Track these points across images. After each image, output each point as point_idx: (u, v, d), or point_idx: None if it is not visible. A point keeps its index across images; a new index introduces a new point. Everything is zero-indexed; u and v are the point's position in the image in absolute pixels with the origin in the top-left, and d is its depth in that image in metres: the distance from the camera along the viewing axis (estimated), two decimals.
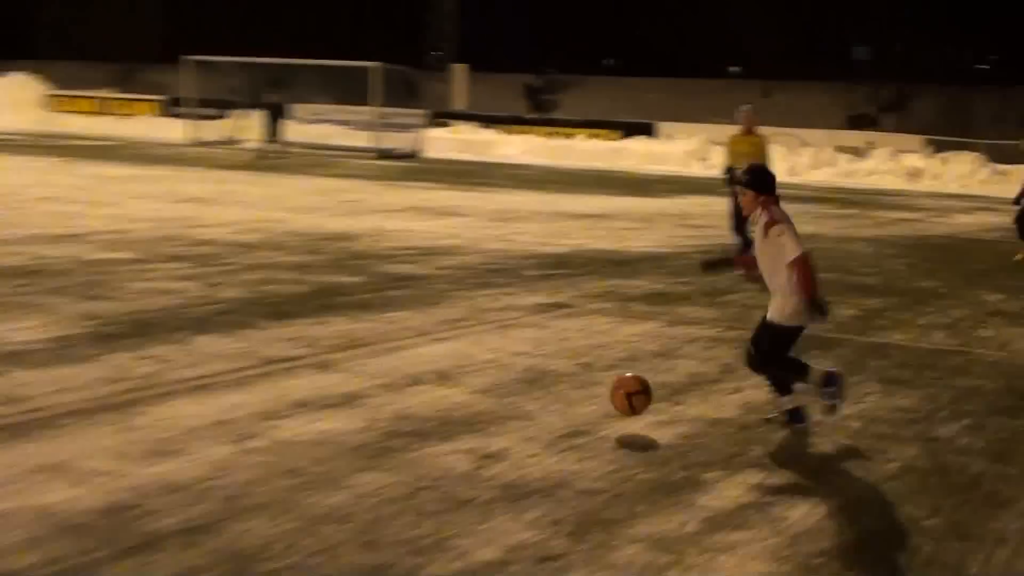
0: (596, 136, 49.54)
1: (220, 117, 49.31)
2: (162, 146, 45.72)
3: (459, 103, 58.20)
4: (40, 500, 8.00)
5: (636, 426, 10.27)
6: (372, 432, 9.84)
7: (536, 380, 11.80)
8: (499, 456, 9.39)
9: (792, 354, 10.32)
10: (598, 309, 15.65)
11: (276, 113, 46.41)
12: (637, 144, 47.74)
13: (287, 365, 12.02)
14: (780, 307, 10.11)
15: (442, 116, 53.07)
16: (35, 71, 59.46)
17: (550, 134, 50.70)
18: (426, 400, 10.87)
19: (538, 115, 56.95)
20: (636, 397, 10.10)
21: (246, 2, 75.97)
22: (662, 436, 10.11)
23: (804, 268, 9.91)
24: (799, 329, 10.25)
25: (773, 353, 10.29)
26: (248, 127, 46.11)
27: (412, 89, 51.02)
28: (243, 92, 48.94)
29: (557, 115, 57.48)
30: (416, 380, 11.63)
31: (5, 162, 35.85)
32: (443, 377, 11.76)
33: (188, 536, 7.50)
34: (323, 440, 9.57)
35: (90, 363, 11.69)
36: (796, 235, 9.99)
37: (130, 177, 32.64)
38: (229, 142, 46.69)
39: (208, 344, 12.74)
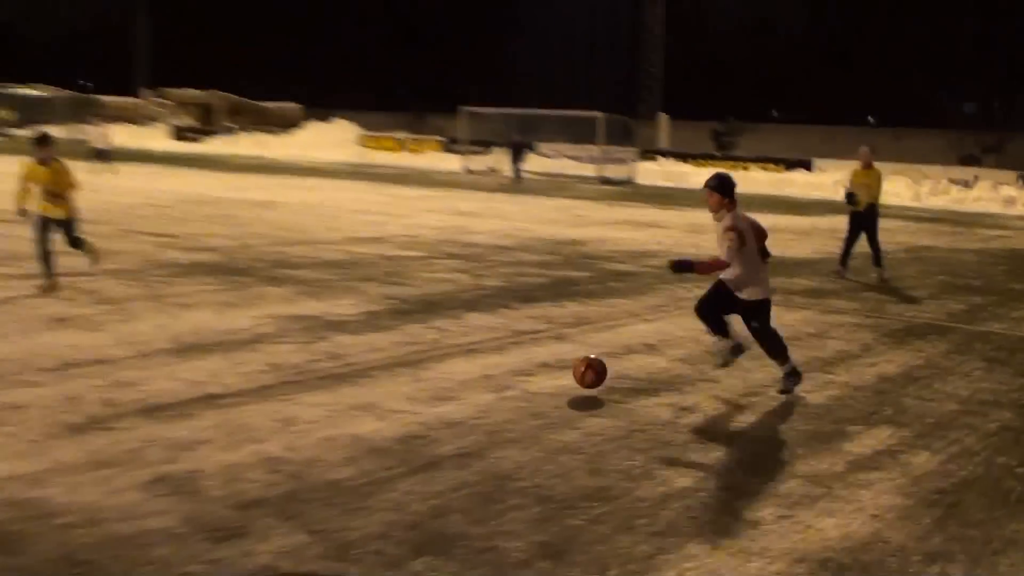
0: (766, 169, 48.82)
1: (485, 153, 49.65)
2: (442, 174, 46.20)
3: (663, 142, 57.72)
4: (355, 430, 8.16)
5: (797, 388, 10.11)
6: (596, 388, 9.84)
7: None
8: (693, 409, 9.33)
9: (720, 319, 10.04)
10: None
11: (524, 149, 46.57)
12: (797, 175, 46.90)
13: (533, 336, 12.06)
14: (732, 279, 9.79)
15: (650, 152, 52.68)
16: (352, 118, 60.52)
17: (731, 167, 50.05)
18: (637, 365, 10.83)
19: (721, 153, 56.26)
20: (594, 371, 9.73)
21: (505, 65, 76.51)
22: (816, 398, 9.94)
23: (716, 266, 9.67)
24: (766, 301, 9.93)
25: (709, 300, 9.97)
26: (505, 160, 46.35)
27: (627, 132, 50.81)
28: (502, 134, 49.26)
29: (736, 152, 56.72)
30: (629, 349, 11.59)
31: (330, 184, 36.58)
32: (650, 348, 11.70)
33: (461, 460, 7.58)
34: (560, 392, 9.60)
35: (390, 331, 11.88)
36: (741, 243, 9.56)
37: (419, 196, 33.06)
38: (491, 171, 46.97)
39: (476, 319, 12.85)
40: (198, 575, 5.64)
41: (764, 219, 11.01)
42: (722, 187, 9.83)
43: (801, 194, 42.23)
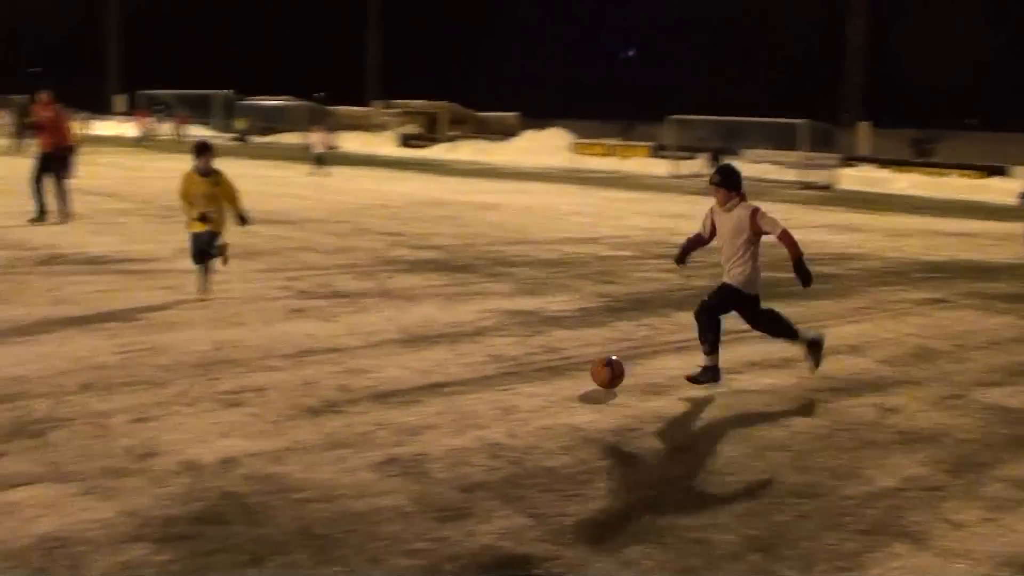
0: (964, 175, 47.18)
1: (691, 158, 49.15)
2: (651, 178, 45.95)
3: (863, 149, 56.14)
4: (571, 420, 8.14)
5: (998, 393, 9.68)
6: (802, 387, 9.60)
7: (922, 355, 11.26)
8: (896, 410, 9.00)
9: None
10: (968, 304, 14.81)
11: (722, 155, 45.88)
12: (993, 182, 45.19)
13: (739, 336, 11.77)
14: (742, 278, 9.43)
15: (851, 159, 51.41)
16: (565, 126, 60.64)
17: (929, 173, 48.43)
18: (841, 366, 10.52)
19: (920, 159, 54.48)
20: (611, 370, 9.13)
21: (711, 74, 75.77)
22: (1018, 402, 9.47)
23: (790, 237, 9.26)
24: (755, 297, 9.51)
25: (719, 308, 9.48)
26: (708, 165, 45.78)
27: (829, 138, 49.73)
28: (708, 140, 48.75)
29: (935, 159, 54.85)
30: (834, 351, 11.21)
31: (545, 188, 36.70)
32: (854, 349, 11.36)
33: (671, 453, 7.50)
34: (768, 390, 9.41)
35: (604, 327, 11.82)
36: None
37: (628, 199, 32.93)
38: (698, 176, 46.44)
39: (685, 318, 12.56)
40: (425, 552, 5.68)
41: (962, 224, 10.60)
42: (726, 181, 9.38)
43: (998, 199, 40.56)
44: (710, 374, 9.29)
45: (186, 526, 5.88)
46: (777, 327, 9.76)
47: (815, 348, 9.75)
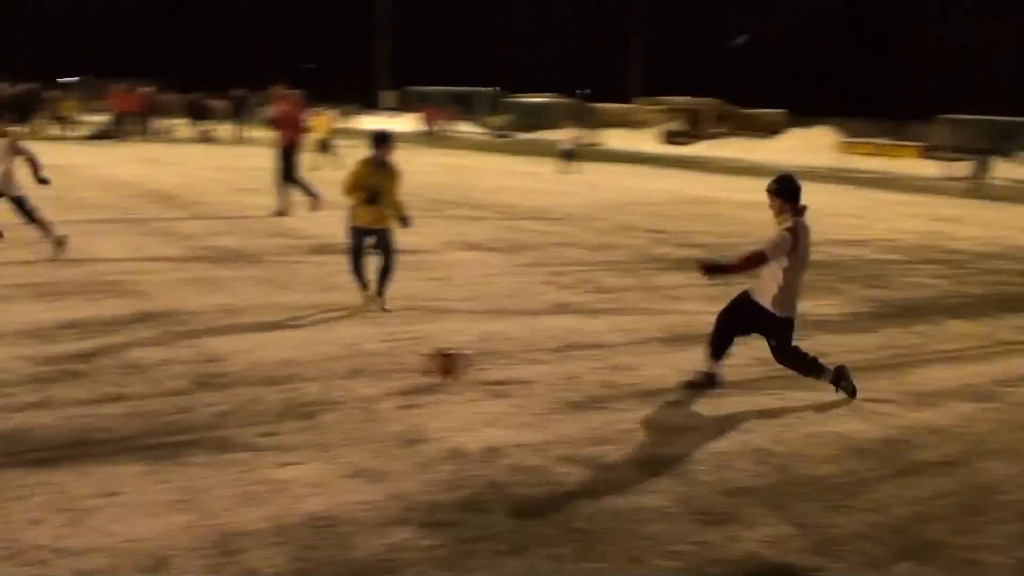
0: None
1: (964, 159, 47.24)
2: (921, 180, 44.29)
3: None
4: (839, 428, 7.95)
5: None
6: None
7: None
8: None
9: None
10: None
11: (990, 156, 43.74)
12: None
13: (1017, 347, 11.29)
14: (772, 297, 8.50)
15: None
16: (832, 124, 59.25)
17: None
18: None
19: None
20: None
21: (981, 71, 72.32)
22: None
23: (755, 259, 8.35)
24: (790, 320, 8.66)
25: (785, 341, 8.69)
26: (979, 167, 43.69)
27: None
28: (975, 141, 46.72)
29: None
30: None
31: (809, 187, 35.64)
32: None
33: (942, 467, 7.22)
34: None
35: (871, 333, 11.48)
36: (788, 246, 8.31)
37: (898, 201, 31.78)
38: (970, 179, 44.56)
39: (957, 326, 12.18)
40: (687, 555, 5.64)
41: None
42: (783, 191, 8.53)
43: None
44: (847, 382, 8.78)
45: (450, 513, 6.02)
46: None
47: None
